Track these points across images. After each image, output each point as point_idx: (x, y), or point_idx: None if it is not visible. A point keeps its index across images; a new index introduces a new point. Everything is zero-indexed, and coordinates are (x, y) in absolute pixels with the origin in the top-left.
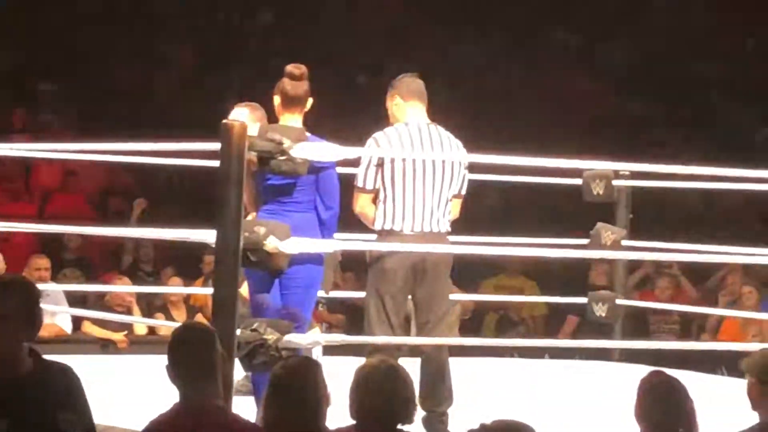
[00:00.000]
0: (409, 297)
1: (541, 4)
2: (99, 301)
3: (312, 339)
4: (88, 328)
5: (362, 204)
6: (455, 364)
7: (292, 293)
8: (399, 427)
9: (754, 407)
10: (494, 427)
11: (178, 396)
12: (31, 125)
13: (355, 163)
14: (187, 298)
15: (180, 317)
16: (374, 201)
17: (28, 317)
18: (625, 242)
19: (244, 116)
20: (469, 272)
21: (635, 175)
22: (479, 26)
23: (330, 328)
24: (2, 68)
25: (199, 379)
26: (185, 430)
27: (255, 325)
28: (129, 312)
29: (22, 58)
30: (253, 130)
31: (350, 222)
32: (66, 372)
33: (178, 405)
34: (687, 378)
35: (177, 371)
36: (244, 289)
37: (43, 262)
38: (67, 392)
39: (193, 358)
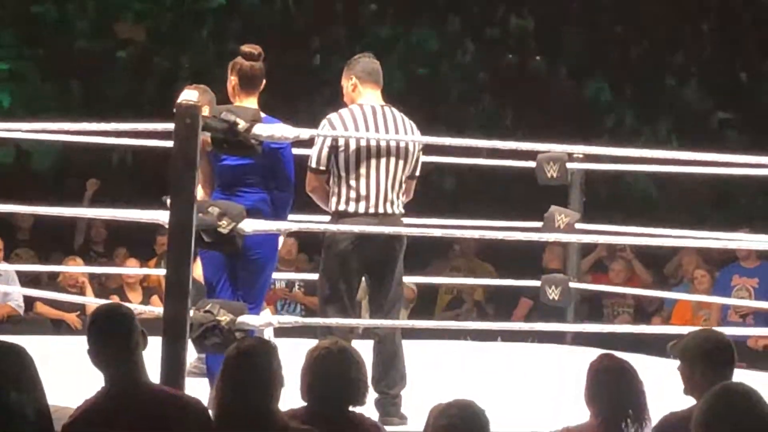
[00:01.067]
0: (363, 279)
1: None
2: (52, 282)
3: (265, 320)
4: (41, 309)
5: (315, 185)
6: (408, 346)
7: (246, 274)
8: (351, 409)
9: (687, 391)
10: (447, 408)
11: (103, 379)
12: None
13: (309, 143)
14: (142, 280)
15: (136, 299)
16: (327, 182)
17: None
18: (578, 225)
19: (193, 98)
20: (421, 254)
21: (589, 158)
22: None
23: (306, 309)
24: None
25: (121, 359)
26: (115, 413)
27: (208, 307)
28: (82, 293)
29: None
30: (204, 111)
31: (306, 203)
32: (17, 351)
33: (104, 388)
34: (638, 361)
35: (97, 354)
36: (197, 271)
37: None
38: (18, 372)
39: (112, 339)
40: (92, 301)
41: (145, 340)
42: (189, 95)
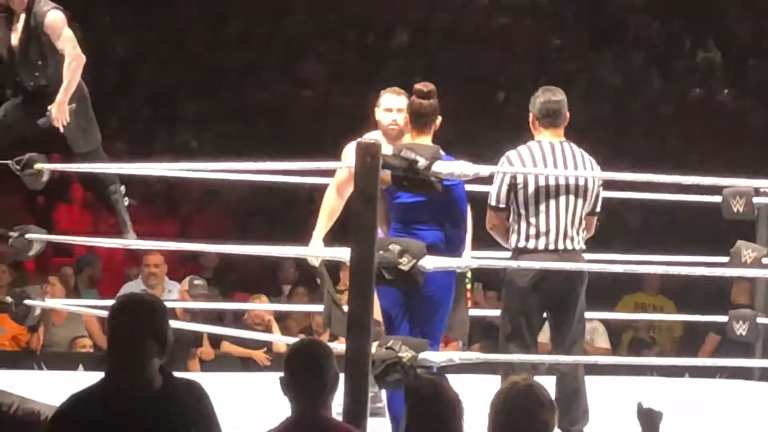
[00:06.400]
0: (544, 315)
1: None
2: (237, 320)
3: (447, 357)
4: (228, 347)
5: (495, 222)
6: (591, 382)
7: (423, 311)
8: None
9: None
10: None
11: (290, 410)
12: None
13: (489, 180)
14: None
15: (323, 337)
16: (507, 219)
17: (156, 335)
18: (766, 260)
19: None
20: (607, 289)
21: None
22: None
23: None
24: (146, 90)
25: (313, 392)
26: None
27: (390, 343)
28: (268, 330)
29: (168, 81)
30: (387, 148)
31: (485, 239)
32: (194, 387)
33: (291, 418)
34: None
35: (291, 384)
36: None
37: (155, 258)
38: (195, 407)
39: (308, 371)
40: (279, 339)
41: (337, 381)
42: (392, 100)
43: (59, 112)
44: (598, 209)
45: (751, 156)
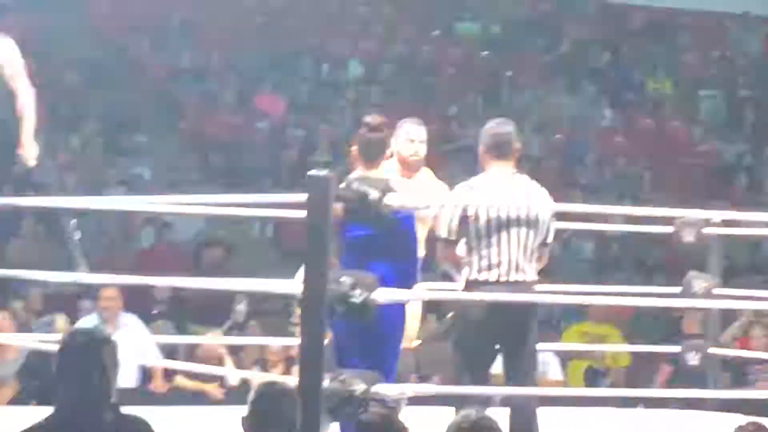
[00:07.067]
0: (497, 347)
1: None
2: (191, 354)
3: (400, 390)
4: (181, 381)
5: (445, 254)
6: (544, 414)
7: (375, 344)
8: None
9: None
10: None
11: None
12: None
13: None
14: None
15: (277, 371)
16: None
17: (104, 370)
18: (717, 291)
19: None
20: (553, 319)
21: (727, 223)
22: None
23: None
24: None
25: None
26: None
27: (342, 377)
28: (221, 364)
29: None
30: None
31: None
32: (141, 423)
33: None
34: None
35: (251, 426)
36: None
37: (109, 291)
38: None
39: (274, 413)
40: (234, 373)
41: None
42: (415, 131)
43: (30, 151)
44: (550, 240)
45: (702, 186)
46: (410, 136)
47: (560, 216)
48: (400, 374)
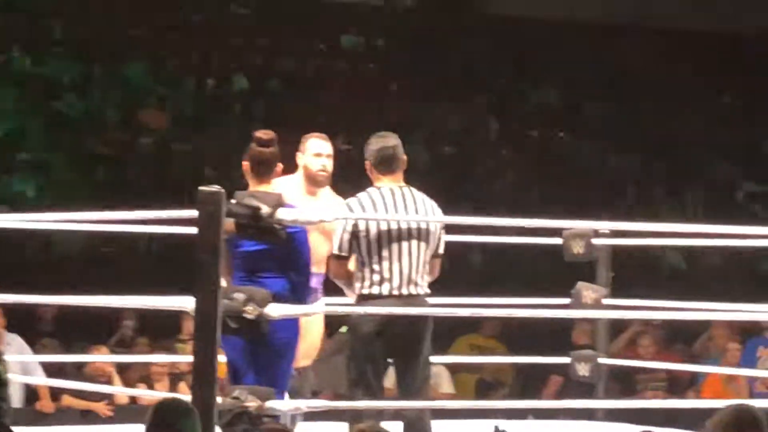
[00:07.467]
0: (390, 361)
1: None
2: (78, 372)
3: (293, 405)
4: (68, 401)
5: (338, 270)
6: (437, 427)
7: (269, 359)
8: None
9: None
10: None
11: None
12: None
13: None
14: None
15: (162, 388)
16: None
17: None
18: (606, 301)
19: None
20: (441, 331)
21: (616, 233)
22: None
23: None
24: None
25: None
26: None
27: (236, 393)
28: (109, 382)
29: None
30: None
31: (333, 287)
32: None
33: None
34: None
35: None
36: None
37: None
38: None
39: (170, 428)
40: (121, 391)
41: None
42: (321, 145)
43: None
44: (441, 251)
45: (589, 197)
46: (316, 150)
47: (449, 228)
48: (302, 390)
